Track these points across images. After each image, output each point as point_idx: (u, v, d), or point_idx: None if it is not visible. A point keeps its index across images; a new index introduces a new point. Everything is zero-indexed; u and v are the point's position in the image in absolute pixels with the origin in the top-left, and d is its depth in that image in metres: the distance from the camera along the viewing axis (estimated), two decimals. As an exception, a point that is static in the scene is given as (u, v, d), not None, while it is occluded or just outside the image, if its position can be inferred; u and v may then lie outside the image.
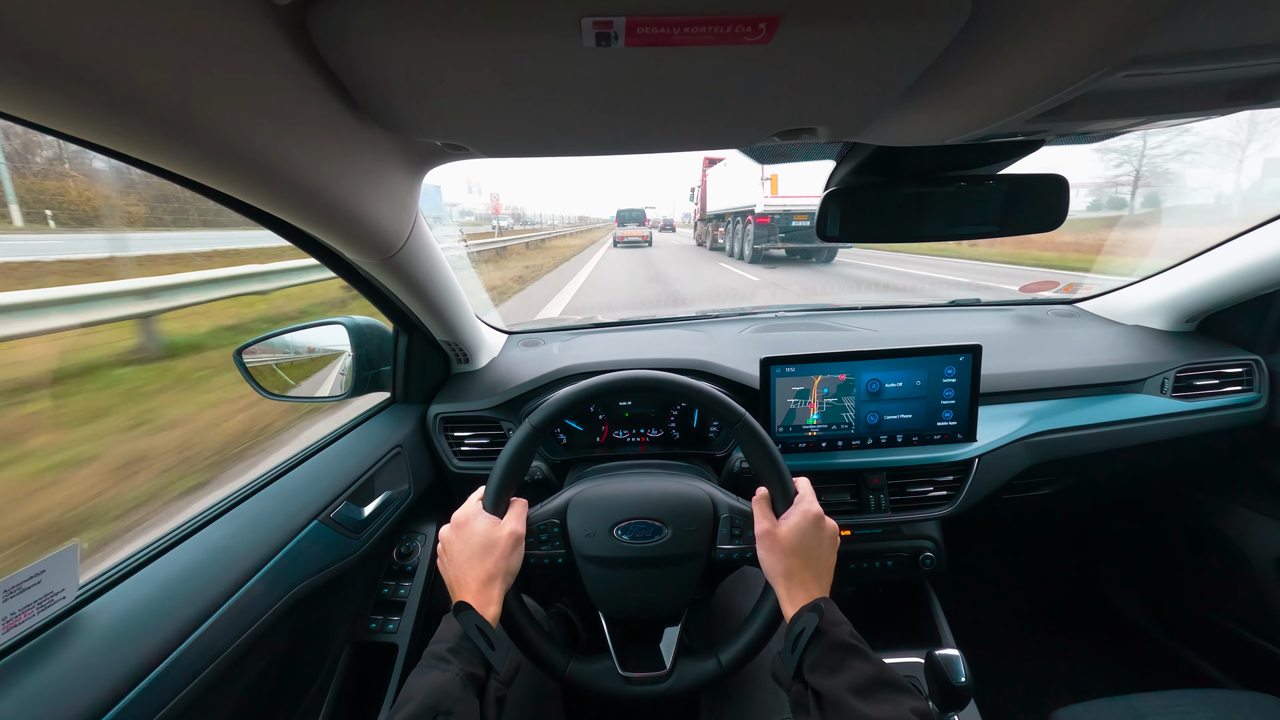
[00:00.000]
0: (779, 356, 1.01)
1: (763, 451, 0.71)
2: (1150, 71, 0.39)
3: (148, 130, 0.37)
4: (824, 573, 0.67)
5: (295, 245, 0.69)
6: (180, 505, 2.15)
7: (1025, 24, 0.38)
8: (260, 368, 1.03)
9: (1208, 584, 1.37)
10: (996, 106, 0.48)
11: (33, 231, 5.81)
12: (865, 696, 0.52)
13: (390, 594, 0.98)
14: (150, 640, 0.55)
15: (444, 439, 1.12)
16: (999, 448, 1.08)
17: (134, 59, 0.32)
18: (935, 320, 1.51)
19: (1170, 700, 0.88)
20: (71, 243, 5.55)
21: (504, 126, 0.54)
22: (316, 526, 0.80)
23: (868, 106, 0.52)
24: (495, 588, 0.64)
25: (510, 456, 0.71)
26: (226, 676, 0.61)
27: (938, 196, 0.82)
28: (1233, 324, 1.26)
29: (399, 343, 1.11)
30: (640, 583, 0.73)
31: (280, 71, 0.41)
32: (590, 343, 1.35)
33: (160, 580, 0.62)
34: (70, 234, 5.96)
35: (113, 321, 3.34)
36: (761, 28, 0.36)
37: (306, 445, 0.95)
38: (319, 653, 0.85)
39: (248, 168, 0.46)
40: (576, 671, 0.70)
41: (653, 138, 0.60)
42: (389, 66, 0.41)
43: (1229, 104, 0.48)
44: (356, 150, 0.56)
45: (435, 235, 0.91)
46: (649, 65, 0.41)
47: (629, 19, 0.35)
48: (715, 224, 16.00)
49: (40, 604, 0.51)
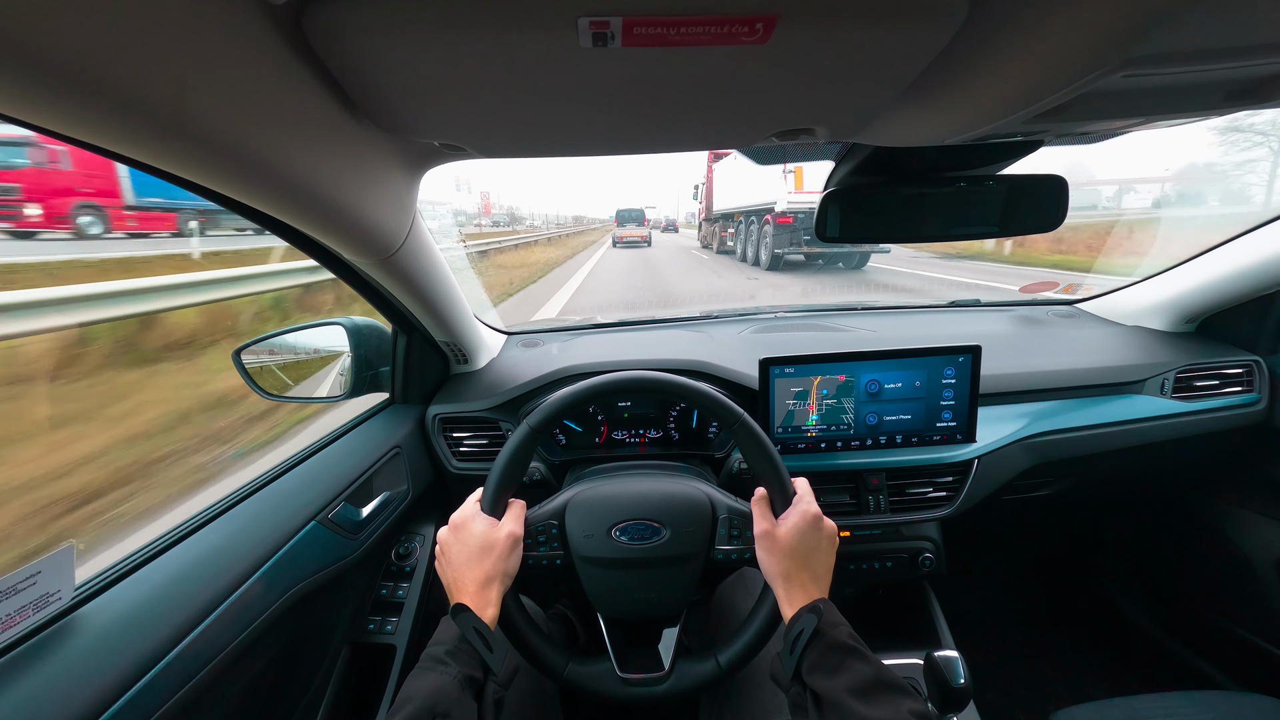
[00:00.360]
0: (778, 357, 1.01)
1: (761, 452, 0.71)
2: (1148, 72, 0.39)
3: (142, 130, 0.37)
4: (823, 573, 0.67)
5: (293, 245, 0.69)
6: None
7: (1023, 25, 0.38)
8: (259, 368, 1.03)
9: (1208, 585, 1.37)
10: (995, 107, 0.48)
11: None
12: (864, 698, 0.52)
13: (389, 595, 0.98)
14: (147, 641, 0.55)
15: (443, 440, 1.12)
16: (999, 448, 1.08)
17: (127, 59, 0.32)
18: (935, 321, 1.51)
19: (1170, 702, 0.88)
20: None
21: (501, 127, 0.54)
22: (314, 527, 0.80)
23: (866, 107, 0.52)
24: (493, 589, 0.64)
25: (508, 457, 0.71)
26: (224, 678, 0.61)
27: (938, 197, 0.82)
28: (1233, 325, 1.26)
29: (398, 343, 1.10)
30: (639, 584, 0.73)
31: (276, 72, 0.41)
32: (589, 343, 1.35)
33: (157, 581, 0.62)
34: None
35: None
36: (759, 28, 0.36)
37: (305, 446, 0.95)
38: (317, 654, 0.85)
39: (244, 168, 0.46)
40: (575, 673, 0.70)
41: (651, 138, 0.60)
42: (385, 66, 0.40)
43: (1227, 104, 0.48)
44: (354, 151, 0.56)
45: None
46: (646, 65, 0.41)
47: (625, 19, 0.35)
48: (723, 224, 14.77)
49: (36, 605, 0.51)
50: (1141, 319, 1.36)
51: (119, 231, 8.37)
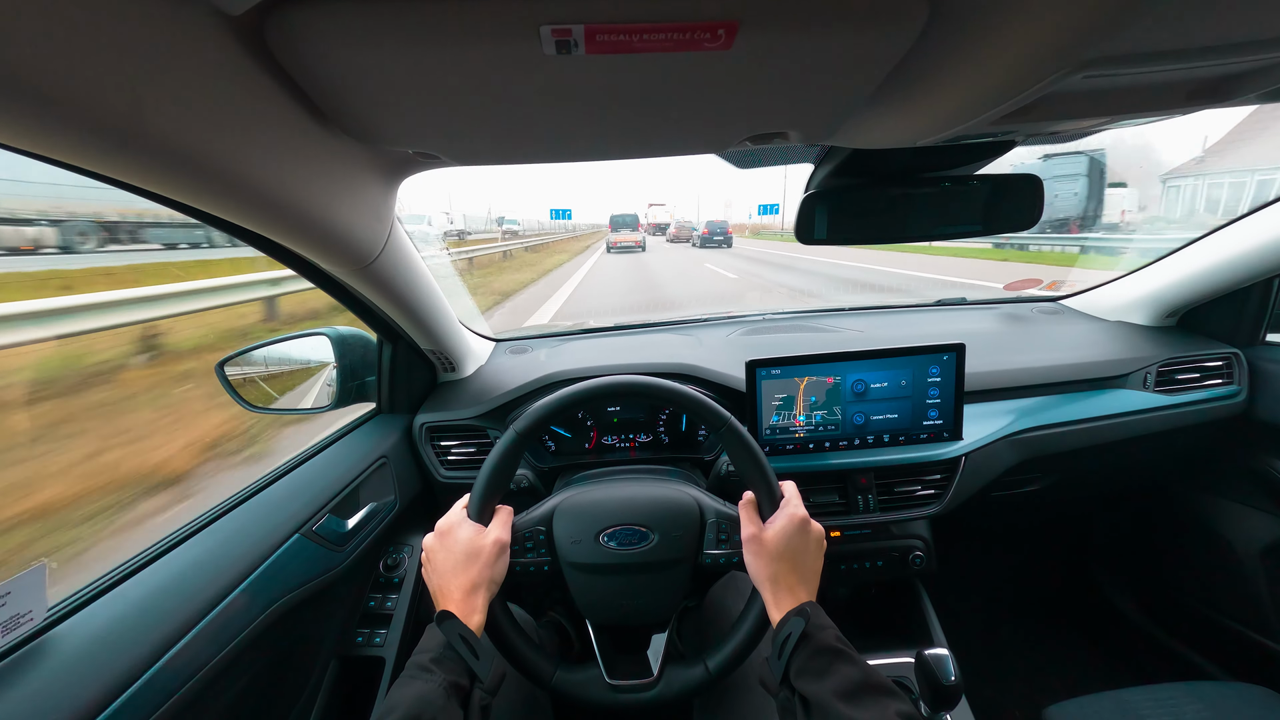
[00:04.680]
0: (764, 359, 1.01)
1: (748, 455, 0.71)
2: (1108, 73, 0.40)
3: (98, 142, 0.36)
4: (810, 576, 0.67)
5: (269, 256, 0.68)
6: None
7: (982, 29, 0.38)
8: (243, 380, 1.02)
9: (1195, 576, 1.38)
10: (961, 108, 0.49)
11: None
12: (851, 700, 0.52)
13: (377, 607, 0.97)
14: (124, 659, 0.54)
15: (430, 448, 1.11)
16: (985, 445, 1.08)
17: (76, 68, 0.32)
18: (921, 320, 1.52)
19: (1161, 694, 0.88)
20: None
21: (472, 134, 0.54)
22: (298, 540, 0.79)
23: (835, 110, 0.52)
24: (479, 596, 0.64)
25: (494, 464, 0.70)
26: (206, 694, 0.60)
27: (919, 197, 0.83)
28: (1212, 318, 1.28)
29: (383, 352, 1.10)
30: (627, 589, 0.73)
31: (238, 81, 0.40)
32: (578, 349, 1.34)
33: (134, 598, 0.61)
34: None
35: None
36: (720, 34, 0.37)
37: (289, 458, 0.94)
38: (304, 668, 0.84)
39: (210, 179, 0.46)
40: (563, 680, 0.70)
41: (622, 143, 0.60)
42: (349, 75, 0.40)
43: (1190, 103, 0.49)
44: (324, 160, 0.56)
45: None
46: (612, 72, 0.41)
47: (587, 26, 0.35)
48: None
49: (5, 626, 0.50)
50: (1124, 314, 1.38)
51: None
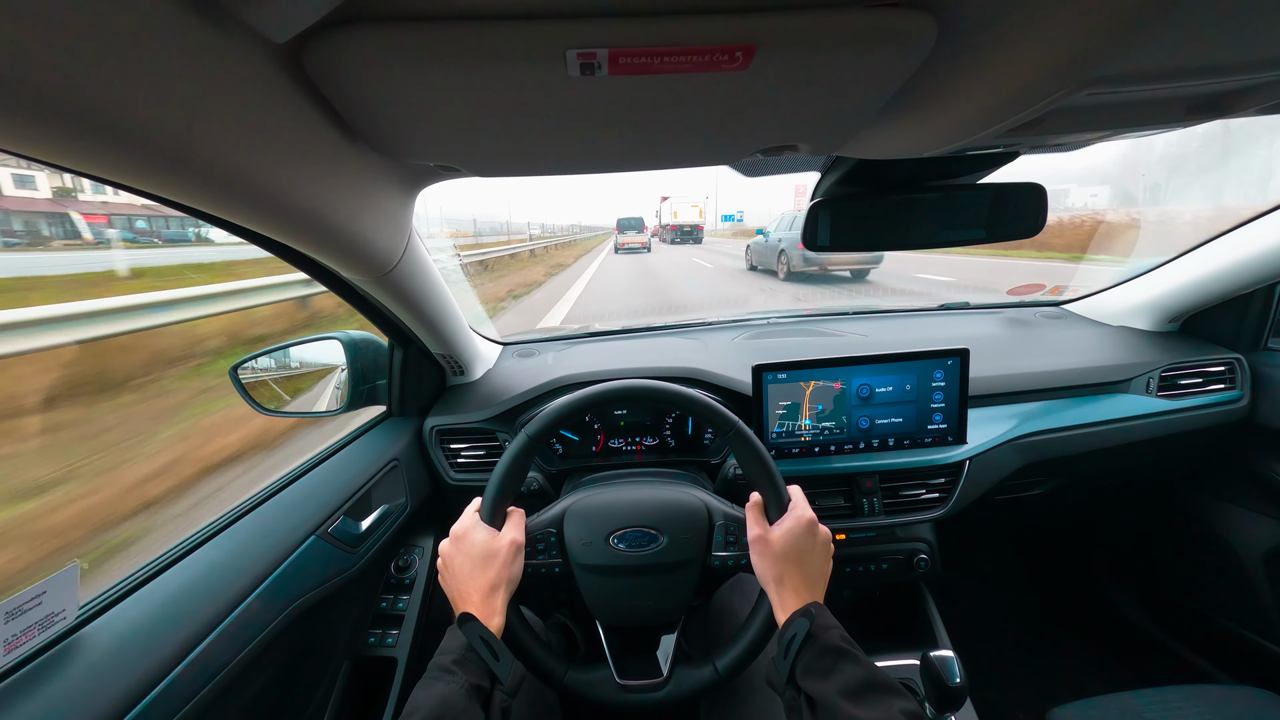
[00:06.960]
0: (770, 364, 1.03)
1: (755, 458, 0.72)
2: (1110, 90, 0.41)
3: (149, 164, 0.38)
4: (817, 578, 0.68)
5: (290, 263, 0.70)
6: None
7: (989, 49, 0.40)
8: (256, 383, 1.03)
9: (1198, 580, 1.39)
10: (969, 123, 0.50)
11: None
12: (856, 699, 0.53)
13: (389, 608, 0.99)
14: (150, 659, 0.56)
15: (440, 451, 1.13)
16: (989, 449, 1.09)
17: (136, 97, 0.33)
18: (925, 324, 1.53)
19: (1164, 696, 0.89)
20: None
21: (494, 149, 0.55)
22: (314, 542, 0.80)
23: (845, 125, 0.54)
24: (499, 597, 0.65)
25: (506, 467, 0.72)
26: (227, 693, 0.62)
27: (925, 203, 0.84)
28: (1215, 323, 1.29)
29: (394, 357, 1.11)
30: (636, 590, 0.74)
31: (279, 105, 0.42)
32: (585, 352, 1.36)
33: (159, 599, 0.62)
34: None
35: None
36: (738, 56, 0.38)
37: (303, 460, 0.96)
38: (318, 668, 0.85)
39: (247, 195, 0.47)
40: (574, 680, 0.71)
41: (639, 157, 0.62)
42: (382, 98, 0.42)
43: (1190, 117, 0.50)
44: (352, 174, 0.57)
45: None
46: (633, 91, 0.43)
47: (611, 50, 0.37)
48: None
49: (41, 625, 0.51)
50: (1127, 319, 1.39)
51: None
